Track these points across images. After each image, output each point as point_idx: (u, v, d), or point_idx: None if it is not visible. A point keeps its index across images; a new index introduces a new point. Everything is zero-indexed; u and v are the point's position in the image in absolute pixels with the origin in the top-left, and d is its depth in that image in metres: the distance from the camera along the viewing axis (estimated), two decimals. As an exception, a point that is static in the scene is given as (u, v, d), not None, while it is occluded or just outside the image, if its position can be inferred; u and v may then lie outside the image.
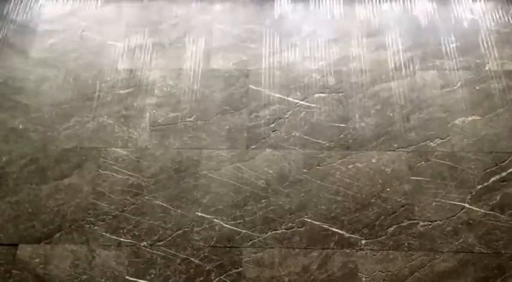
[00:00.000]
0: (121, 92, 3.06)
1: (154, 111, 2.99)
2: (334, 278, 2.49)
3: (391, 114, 2.94)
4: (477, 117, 2.91)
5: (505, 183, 2.70)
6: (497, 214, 2.62)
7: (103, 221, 2.65)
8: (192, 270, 2.53)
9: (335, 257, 2.55)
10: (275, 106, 2.99)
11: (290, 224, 2.64)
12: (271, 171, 2.79)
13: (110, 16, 3.37)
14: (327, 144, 2.86)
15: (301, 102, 3.01)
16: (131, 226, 2.64)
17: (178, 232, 2.62)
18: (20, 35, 3.29)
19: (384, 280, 2.48)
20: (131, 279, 2.51)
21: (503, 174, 2.72)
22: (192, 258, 2.55)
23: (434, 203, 2.66)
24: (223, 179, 2.77)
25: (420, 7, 3.37)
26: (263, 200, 2.70)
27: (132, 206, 2.69)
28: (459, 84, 3.03)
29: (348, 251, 2.56)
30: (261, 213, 2.67)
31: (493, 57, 3.11)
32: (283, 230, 2.62)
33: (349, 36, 3.25)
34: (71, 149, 2.87)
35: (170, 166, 2.81)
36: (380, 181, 2.74)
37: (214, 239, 2.60)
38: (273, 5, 3.40)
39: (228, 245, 2.59)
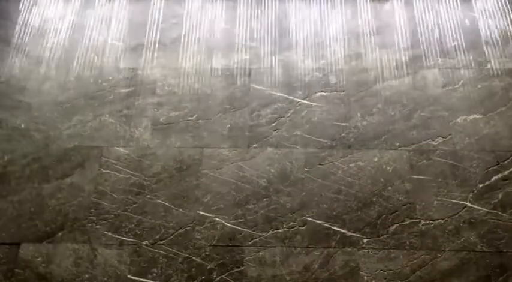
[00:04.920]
0: (122, 91, 3.06)
1: (155, 110, 2.99)
2: (335, 277, 2.49)
3: (393, 113, 2.94)
4: (479, 116, 2.90)
5: (506, 181, 2.69)
6: (499, 213, 2.61)
7: (105, 220, 2.66)
8: (193, 269, 2.53)
9: (337, 255, 2.55)
10: (276, 105, 2.99)
11: (292, 223, 2.64)
12: (272, 170, 2.79)
13: (111, 15, 3.37)
14: (329, 143, 2.86)
15: (303, 101, 3.00)
16: (133, 225, 2.64)
17: (180, 231, 2.63)
18: (21, 34, 3.29)
19: (385, 279, 2.48)
20: (133, 278, 2.52)
21: (505, 172, 2.72)
22: (193, 257, 2.56)
23: (436, 202, 2.66)
24: (224, 178, 2.77)
25: (422, 5, 3.36)
26: (265, 199, 2.70)
27: (134, 205, 2.70)
28: (461, 82, 3.03)
29: (349, 249, 2.56)
30: (262, 212, 2.67)
31: (494, 56, 3.10)
32: (285, 229, 2.62)
33: (350, 35, 3.25)
34: (72, 148, 2.87)
35: (172, 165, 2.81)
36: (381, 180, 2.74)
37: (216, 237, 2.61)
38: (274, 3, 3.40)
39: (230, 244, 2.59)
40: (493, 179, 2.70)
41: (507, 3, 3.32)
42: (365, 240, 2.58)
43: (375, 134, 2.88)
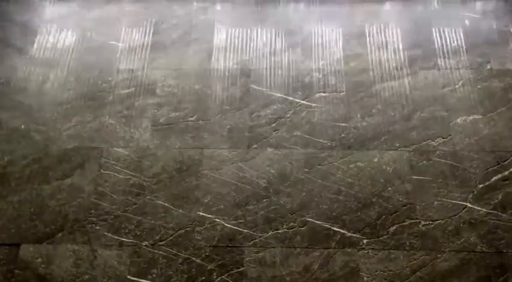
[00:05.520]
0: (122, 91, 3.06)
1: (155, 111, 2.99)
2: (335, 278, 2.49)
3: (393, 114, 2.94)
4: (479, 116, 2.90)
5: (506, 182, 2.69)
6: (499, 213, 2.61)
7: (105, 221, 2.66)
8: (193, 270, 2.53)
9: (336, 256, 2.55)
10: (276, 105, 2.99)
11: (291, 224, 2.64)
12: (272, 171, 2.79)
13: (111, 16, 3.38)
14: (328, 144, 2.86)
15: (303, 102, 3.00)
16: (133, 226, 2.64)
17: (179, 232, 2.63)
18: (21, 35, 3.29)
19: (385, 279, 2.48)
20: (133, 279, 2.52)
21: (505, 173, 2.72)
22: (193, 258, 2.56)
23: (435, 202, 2.66)
24: (224, 179, 2.77)
25: (421, 6, 3.36)
26: (264, 200, 2.70)
27: (134, 206, 2.70)
28: (460, 83, 3.03)
29: (349, 250, 2.56)
30: (262, 212, 2.67)
31: (494, 56, 3.10)
32: (285, 230, 2.62)
33: (350, 35, 3.25)
34: (72, 149, 2.87)
35: (172, 166, 2.81)
36: (381, 180, 2.74)
37: (216, 238, 2.61)
38: (274, 4, 3.40)
39: (230, 245, 2.59)
40: (493, 179, 2.70)
41: (507, 3, 3.33)
42: (365, 241, 2.58)
43: (374, 135, 2.88)
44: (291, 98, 3.02)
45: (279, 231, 2.62)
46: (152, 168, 2.80)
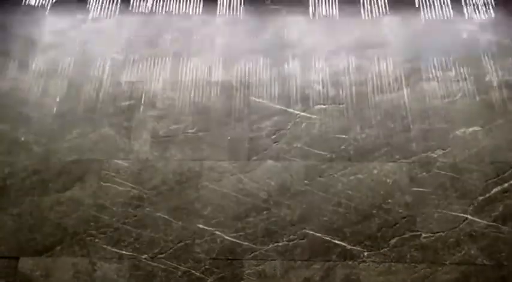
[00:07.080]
0: (122, 104, 3.07)
1: (155, 123, 3.00)
2: (336, 291, 2.48)
3: (392, 125, 2.95)
4: (478, 128, 2.91)
5: (507, 194, 2.69)
6: (500, 225, 2.60)
7: (104, 234, 2.65)
8: (193, 283, 2.52)
9: (337, 269, 2.53)
10: (276, 117, 3.00)
11: (292, 236, 2.63)
12: (272, 183, 2.78)
13: (111, 29, 3.40)
14: (328, 156, 2.86)
15: (302, 114, 3.01)
16: (132, 239, 2.63)
17: (179, 244, 2.62)
18: (22, 47, 3.31)
19: (386, 293, 2.47)
20: (132, 292, 2.50)
21: (505, 185, 2.72)
22: (193, 271, 2.54)
23: (436, 215, 2.66)
24: (224, 191, 2.77)
25: (421, 18, 3.38)
26: (264, 212, 2.70)
27: (134, 218, 2.69)
28: (459, 95, 3.04)
29: (350, 263, 2.55)
30: (262, 225, 2.66)
31: (493, 68, 3.12)
32: (285, 242, 2.61)
33: (349, 48, 3.27)
34: (72, 161, 2.87)
35: (171, 178, 2.81)
36: (381, 192, 2.73)
37: (216, 251, 2.59)
38: (274, 17, 3.42)
39: (230, 258, 2.58)
40: (493, 191, 2.70)
41: (505, 16, 3.35)
42: (366, 254, 2.57)
43: (374, 147, 2.88)
44: (291, 110, 3.03)
45: (279, 243, 2.61)
46: (152, 180, 2.80)
